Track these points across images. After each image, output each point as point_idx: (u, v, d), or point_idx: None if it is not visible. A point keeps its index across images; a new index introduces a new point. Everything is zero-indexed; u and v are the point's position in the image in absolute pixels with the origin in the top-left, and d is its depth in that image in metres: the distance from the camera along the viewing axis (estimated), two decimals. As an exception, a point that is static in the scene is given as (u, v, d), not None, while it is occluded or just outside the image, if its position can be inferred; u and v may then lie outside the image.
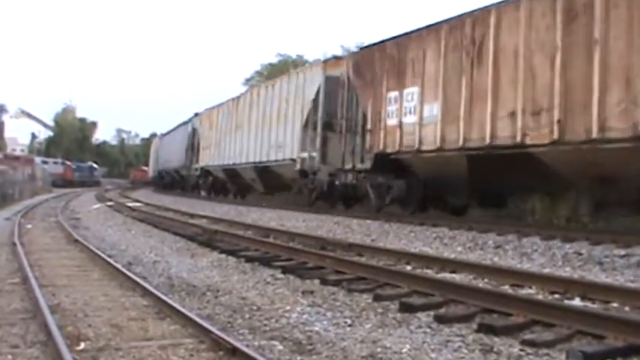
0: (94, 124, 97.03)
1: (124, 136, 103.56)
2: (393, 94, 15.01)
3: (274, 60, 58.76)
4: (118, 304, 6.62)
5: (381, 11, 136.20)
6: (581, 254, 9.24)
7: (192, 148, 36.69)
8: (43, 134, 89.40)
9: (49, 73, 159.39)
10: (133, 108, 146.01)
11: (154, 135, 75.62)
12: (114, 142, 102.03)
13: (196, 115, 37.04)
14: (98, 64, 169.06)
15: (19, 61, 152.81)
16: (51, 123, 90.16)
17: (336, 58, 20.49)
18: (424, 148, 13.98)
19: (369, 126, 15.98)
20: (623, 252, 8.99)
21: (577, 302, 6.42)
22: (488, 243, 10.86)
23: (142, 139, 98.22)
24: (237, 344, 4.75)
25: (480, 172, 12.87)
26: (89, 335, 5.33)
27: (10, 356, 4.79)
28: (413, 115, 14.31)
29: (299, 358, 4.80)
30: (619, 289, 6.80)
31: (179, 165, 40.39)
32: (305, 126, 20.47)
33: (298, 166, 20.56)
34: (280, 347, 5.06)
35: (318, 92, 19.75)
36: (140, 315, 6.14)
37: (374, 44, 16.68)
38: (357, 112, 17.05)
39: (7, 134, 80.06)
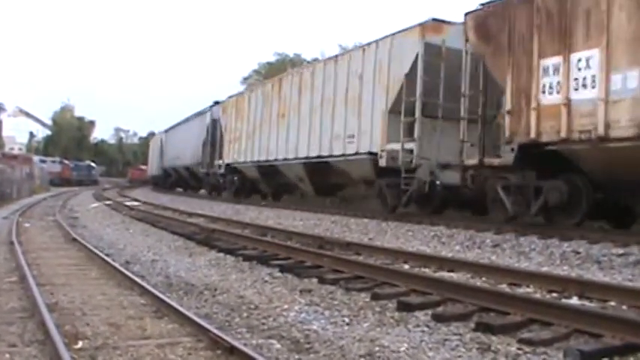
0: (92, 123, 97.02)
1: (122, 135, 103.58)
2: (552, 60, 10.97)
3: (272, 59, 58.86)
4: (116, 303, 6.62)
5: (380, 10, 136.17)
6: (579, 253, 9.26)
7: (213, 142, 31.40)
8: (41, 133, 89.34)
9: (47, 72, 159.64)
10: (131, 107, 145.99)
11: (152, 134, 75.58)
12: (112, 141, 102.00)
13: (217, 103, 32.07)
14: (96, 63, 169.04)
15: (17, 59, 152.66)
16: (49, 122, 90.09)
17: (437, 20, 15.56)
18: (614, 135, 9.87)
19: (508, 107, 11.87)
20: (621, 251, 9.01)
21: (575, 301, 6.43)
22: (486, 242, 10.88)
23: (140, 138, 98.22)
24: (235, 343, 4.75)
25: None
26: (87, 334, 5.33)
27: (7, 355, 4.79)
28: (591, 89, 10.25)
29: (297, 356, 4.80)
30: (617, 287, 6.81)
31: (193, 162, 35.29)
32: (392, 110, 16.00)
33: (384, 162, 15.92)
34: (278, 346, 5.06)
35: (414, 65, 15.23)
36: (138, 314, 6.14)
37: None
38: (487, 89, 13.00)
39: (4, 133, 79.87)
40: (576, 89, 10.52)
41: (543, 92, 11.11)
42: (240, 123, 27.08)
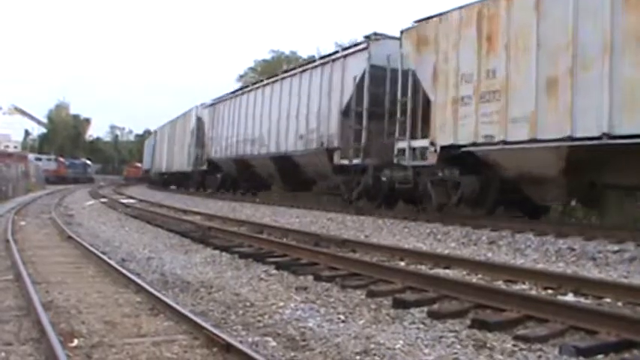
0: (87, 121, 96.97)
1: (118, 132, 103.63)
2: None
3: (267, 56, 58.81)
4: (112, 301, 6.60)
5: (375, 7, 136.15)
6: (574, 250, 9.29)
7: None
8: (37, 131, 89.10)
9: (43, 70, 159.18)
10: (126, 105, 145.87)
11: (147, 131, 75.55)
12: (107, 139, 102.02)
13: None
14: (92, 60, 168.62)
15: (13, 57, 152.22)
16: (44, 120, 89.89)
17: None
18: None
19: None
20: (616, 247, 9.04)
21: (570, 298, 6.45)
22: (482, 239, 10.90)
23: (136, 136, 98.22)
24: (231, 340, 4.75)
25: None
26: (82, 332, 5.31)
27: (3, 353, 4.77)
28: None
29: (293, 354, 4.80)
30: (612, 284, 6.83)
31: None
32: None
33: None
34: (274, 343, 5.05)
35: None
36: (134, 311, 6.12)
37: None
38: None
39: (0, 131, 79.70)
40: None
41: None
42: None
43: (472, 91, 12.93)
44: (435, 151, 14.06)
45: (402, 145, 15.36)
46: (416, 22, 15.07)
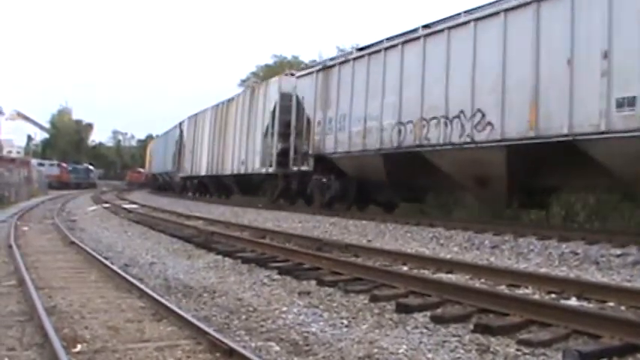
0: (90, 126, 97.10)
1: (120, 137, 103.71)
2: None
3: (270, 61, 58.88)
4: (115, 306, 6.61)
5: (377, 11, 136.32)
6: (577, 254, 9.27)
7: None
8: (39, 136, 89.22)
9: (45, 75, 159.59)
10: (129, 110, 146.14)
11: (150, 136, 75.60)
12: (110, 144, 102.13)
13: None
14: (94, 66, 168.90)
15: (15, 63, 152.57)
16: (47, 125, 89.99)
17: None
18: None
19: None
20: (619, 251, 9.02)
21: (573, 302, 6.44)
22: (484, 243, 10.89)
23: (138, 141, 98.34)
24: (234, 345, 4.75)
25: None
26: (86, 337, 5.32)
27: (6, 359, 4.78)
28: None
29: (296, 359, 4.80)
30: (615, 288, 6.82)
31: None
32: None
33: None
34: (277, 348, 5.05)
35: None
36: (137, 317, 6.13)
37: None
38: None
39: (2, 136, 79.58)
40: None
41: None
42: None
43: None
44: None
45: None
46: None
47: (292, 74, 23.74)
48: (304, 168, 20.36)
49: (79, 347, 5.00)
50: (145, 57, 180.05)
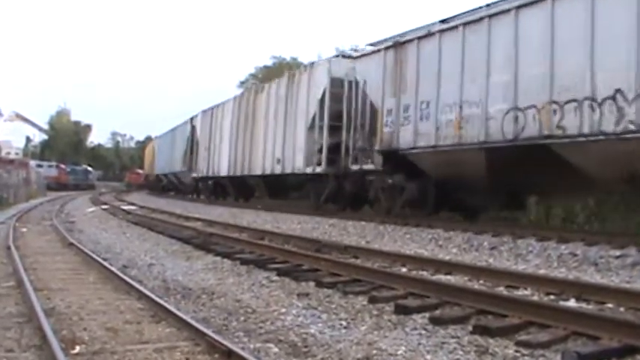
0: (88, 127, 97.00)
1: (119, 139, 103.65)
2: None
3: (269, 62, 58.87)
4: (114, 308, 6.60)
5: (377, 12, 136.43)
6: (576, 255, 9.27)
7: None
8: (38, 137, 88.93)
9: (44, 76, 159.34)
10: (127, 111, 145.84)
11: (148, 138, 75.54)
12: (108, 145, 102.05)
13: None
14: (93, 66, 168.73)
15: (14, 64, 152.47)
16: (45, 126, 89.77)
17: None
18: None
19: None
20: (618, 253, 9.03)
21: (572, 303, 6.44)
22: (483, 244, 10.89)
23: (137, 142, 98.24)
24: (233, 347, 4.74)
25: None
26: (84, 339, 5.31)
27: (4, 360, 4.78)
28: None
29: (294, 360, 4.79)
30: (614, 289, 6.82)
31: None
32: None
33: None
34: (276, 350, 5.05)
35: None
36: (135, 318, 6.12)
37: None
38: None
39: (1, 137, 79.38)
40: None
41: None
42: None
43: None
44: None
45: None
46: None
47: (344, 56, 20.35)
48: (368, 167, 16.66)
49: (77, 349, 4.99)
50: (144, 59, 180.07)
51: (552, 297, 6.76)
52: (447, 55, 13.86)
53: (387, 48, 15.90)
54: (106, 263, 9.51)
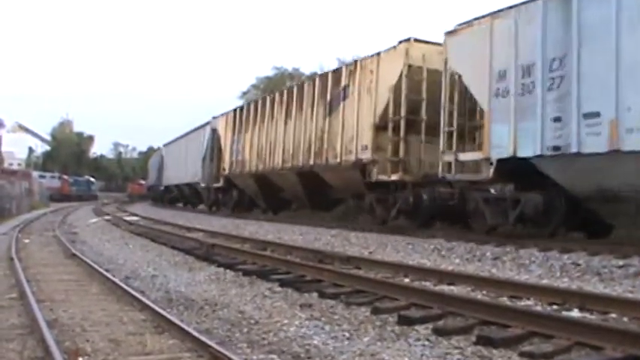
0: (91, 138, 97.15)
1: (122, 149, 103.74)
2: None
3: (270, 73, 58.95)
4: (116, 319, 6.60)
5: (378, 23, 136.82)
6: (579, 265, 9.26)
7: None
8: (40, 148, 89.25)
9: (46, 87, 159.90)
10: (130, 122, 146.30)
11: (151, 148, 75.64)
12: (111, 156, 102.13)
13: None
14: (95, 78, 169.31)
15: (16, 74, 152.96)
16: (48, 137, 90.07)
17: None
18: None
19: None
20: (621, 262, 9.02)
21: (575, 313, 6.43)
22: (486, 254, 10.87)
23: (140, 153, 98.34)
24: (236, 358, 4.74)
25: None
26: (87, 350, 5.31)
27: (7, 372, 4.78)
28: None
29: (298, 371, 4.79)
30: (617, 299, 6.81)
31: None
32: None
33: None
34: (279, 361, 5.05)
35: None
36: (138, 329, 6.12)
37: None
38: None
39: (4, 148, 79.70)
40: None
41: None
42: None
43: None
44: None
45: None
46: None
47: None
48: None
49: (80, 360, 4.99)
50: (146, 70, 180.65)
51: (555, 307, 6.75)
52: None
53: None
54: (108, 274, 9.51)
